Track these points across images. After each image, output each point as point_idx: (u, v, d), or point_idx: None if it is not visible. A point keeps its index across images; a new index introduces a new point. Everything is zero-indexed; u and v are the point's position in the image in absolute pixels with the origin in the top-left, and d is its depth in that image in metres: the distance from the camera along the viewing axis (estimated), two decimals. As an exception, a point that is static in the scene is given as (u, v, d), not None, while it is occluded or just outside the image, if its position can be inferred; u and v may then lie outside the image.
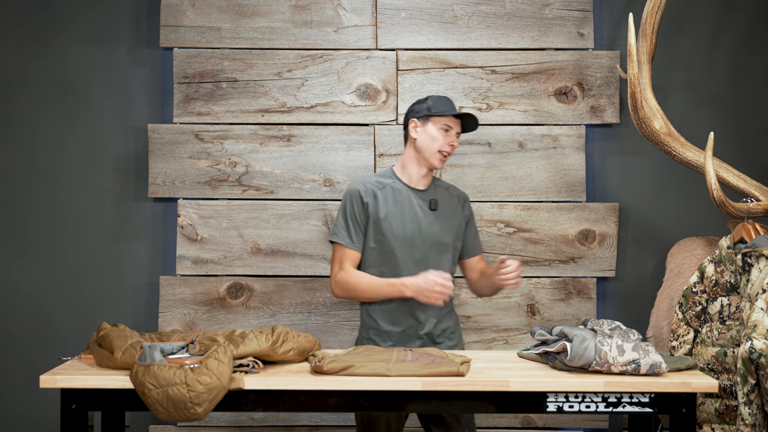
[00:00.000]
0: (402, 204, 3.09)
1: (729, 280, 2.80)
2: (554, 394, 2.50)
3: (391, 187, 3.11)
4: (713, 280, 2.86)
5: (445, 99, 3.13)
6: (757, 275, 2.67)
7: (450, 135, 3.07)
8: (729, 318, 2.79)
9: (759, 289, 2.65)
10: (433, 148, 3.07)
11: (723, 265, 2.84)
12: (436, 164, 3.09)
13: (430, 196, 3.14)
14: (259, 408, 2.53)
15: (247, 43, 3.73)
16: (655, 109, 3.36)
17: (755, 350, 2.59)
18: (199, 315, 3.70)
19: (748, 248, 2.72)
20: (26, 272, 3.76)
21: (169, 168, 3.71)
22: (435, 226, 3.11)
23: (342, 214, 3.11)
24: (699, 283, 2.92)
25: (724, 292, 2.81)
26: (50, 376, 2.50)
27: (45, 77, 3.76)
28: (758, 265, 2.70)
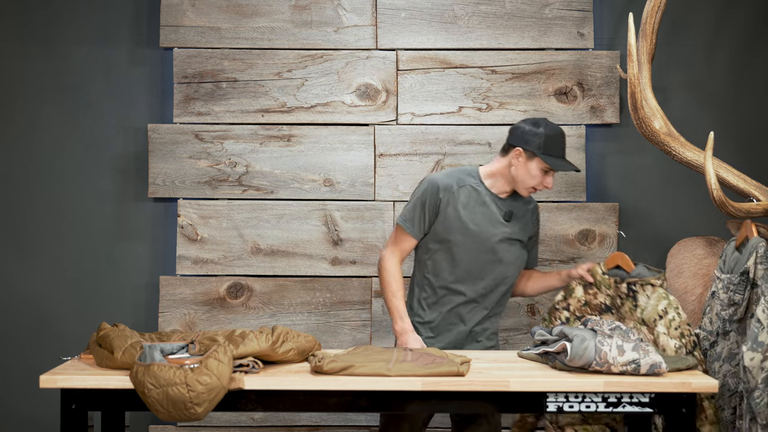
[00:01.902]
0: (479, 208, 3.06)
1: (604, 302, 3.01)
2: (554, 394, 2.50)
3: (472, 187, 3.07)
4: (583, 301, 3.03)
5: (558, 139, 3.03)
6: (646, 301, 2.94)
7: (549, 176, 3.03)
8: None
9: (655, 315, 2.91)
10: (528, 183, 3.03)
11: (596, 288, 3.02)
12: (523, 194, 3.07)
13: (507, 206, 3.09)
14: (259, 408, 2.53)
15: (247, 43, 3.73)
16: (655, 109, 3.35)
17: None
18: (199, 315, 3.70)
19: (632, 278, 2.96)
20: (26, 273, 3.76)
21: (169, 168, 3.71)
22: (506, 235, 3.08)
23: (414, 199, 3.08)
24: (563, 300, 3.06)
25: (597, 312, 3.00)
26: (50, 376, 2.50)
27: (45, 77, 3.76)
28: (644, 293, 2.95)
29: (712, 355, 3.05)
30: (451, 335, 3.07)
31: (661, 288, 2.96)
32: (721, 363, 3.01)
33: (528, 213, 3.15)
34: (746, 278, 2.91)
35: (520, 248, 3.12)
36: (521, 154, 3.00)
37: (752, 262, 2.89)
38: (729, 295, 2.97)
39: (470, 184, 3.07)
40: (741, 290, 2.93)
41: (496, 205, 3.07)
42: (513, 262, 3.10)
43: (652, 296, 2.94)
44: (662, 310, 2.91)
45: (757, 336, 2.80)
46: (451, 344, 3.07)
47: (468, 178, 3.08)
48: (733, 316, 2.97)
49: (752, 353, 2.80)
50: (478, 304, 3.07)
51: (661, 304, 2.92)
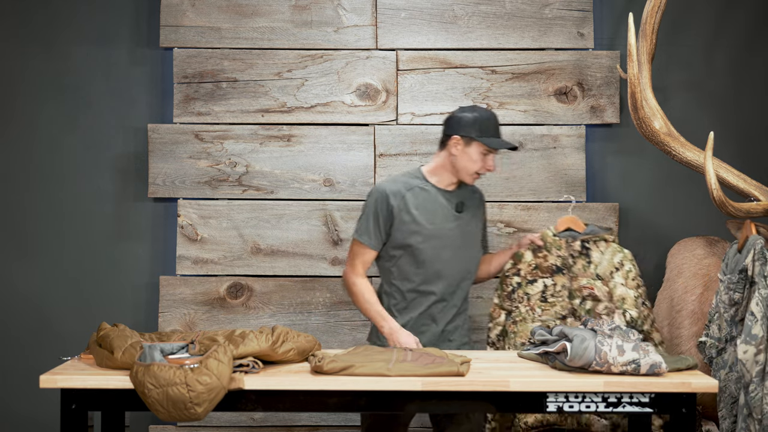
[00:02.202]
0: (430, 206, 3.09)
1: (554, 263, 3.11)
2: (554, 394, 2.50)
3: (419, 188, 3.10)
4: (533, 265, 3.12)
5: (492, 121, 3.08)
6: (600, 257, 3.10)
7: (489, 158, 3.06)
8: (552, 296, 3.09)
9: (611, 268, 3.07)
10: (470, 169, 3.06)
11: (545, 251, 3.12)
12: (468, 182, 3.11)
13: (457, 198, 3.13)
14: (259, 408, 2.53)
15: (247, 43, 3.73)
16: (655, 109, 3.35)
17: (633, 318, 3.02)
18: (199, 315, 3.70)
19: (586, 235, 3.11)
20: (26, 273, 3.76)
21: (169, 168, 3.71)
22: (461, 228, 3.12)
23: (365, 212, 3.10)
24: (512, 267, 3.15)
25: (548, 273, 3.10)
26: (50, 376, 2.50)
27: (45, 77, 3.76)
28: (598, 249, 3.10)
29: (718, 363, 3.06)
30: (424, 337, 3.08)
31: (614, 243, 3.11)
32: (727, 370, 3.01)
33: (476, 201, 3.21)
34: (745, 276, 2.92)
35: (476, 237, 3.19)
36: (459, 141, 3.04)
37: (750, 259, 2.90)
38: (729, 295, 2.97)
39: (417, 186, 3.10)
40: (740, 288, 2.93)
41: (446, 199, 3.11)
42: (474, 254, 3.17)
43: (606, 251, 3.09)
44: (618, 262, 3.07)
45: (751, 329, 2.81)
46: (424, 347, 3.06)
47: (413, 180, 3.11)
48: (734, 316, 2.97)
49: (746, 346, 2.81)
50: (447, 302, 3.10)
51: (617, 257, 3.07)
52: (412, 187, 3.09)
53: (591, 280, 3.07)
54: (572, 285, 3.11)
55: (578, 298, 3.10)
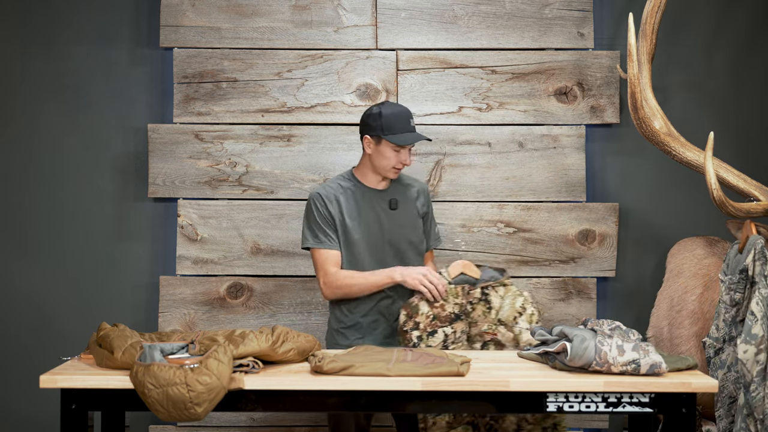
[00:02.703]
0: (363, 206, 3.15)
1: (453, 312, 3.03)
2: (554, 394, 2.50)
3: (351, 190, 3.17)
4: (431, 316, 3.01)
5: (399, 115, 3.10)
6: (500, 302, 3.04)
7: (402, 153, 3.11)
8: (453, 343, 3.01)
9: (515, 314, 3.02)
10: (386, 165, 3.12)
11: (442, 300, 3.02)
12: (391, 176, 3.16)
13: (389, 195, 3.20)
14: (259, 408, 2.53)
15: (247, 43, 3.73)
16: (655, 109, 3.36)
17: None
18: (199, 315, 3.70)
19: (485, 282, 3.04)
20: (26, 272, 3.76)
21: (169, 168, 3.71)
22: (395, 224, 3.18)
23: (307, 221, 3.15)
24: (408, 320, 3.02)
25: (447, 323, 3.01)
26: (50, 376, 2.50)
27: (45, 77, 3.76)
28: (498, 294, 3.05)
29: (716, 363, 3.06)
30: (377, 334, 3.14)
31: (513, 287, 3.08)
32: (725, 370, 3.01)
33: (412, 194, 3.24)
34: (745, 276, 2.92)
35: (414, 232, 3.21)
36: (370, 141, 3.12)
37: (750, 259, 2.90)
38: (731, 295, 2.97)
39: (348, 188, 3.17)
40: (741, 288, 2.93)
41: (379, 197, 3.17)
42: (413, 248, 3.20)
43: (506, 296, 3.05)
44: (520, 307, 3.03)
45: (751, 328, 2.81)
46: (378, 342, 3.11)
47: (344, 182, 3.19)
48: (736, 316, 2.97)
49: (746, 345, 2.81)
50: (392, 298, 3.15)
51: (518, 302, 3.04)
52: (345, 189, 3.17)
53: (493, 326, 3.03)
54: (471, 330, 3.05)
55: (479, 343, 3.05)
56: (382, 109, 3.11)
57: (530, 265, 3.71)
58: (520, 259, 3.71)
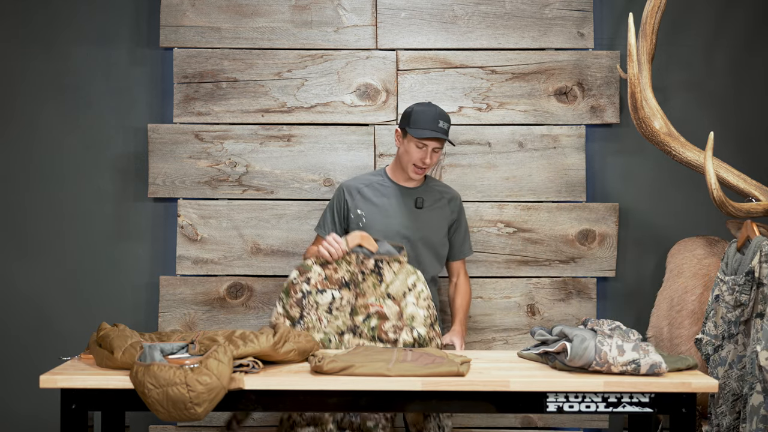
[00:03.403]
0: (386, 200, 3.22)
1: (344, 278, 3.08)
2: (554, 394, 2.50)
3: (379, 183, 3.27)
4: (323, 275, 3.09)
5: (429, 112, 3.18)
6: (392, 277, 3.06)
7: (424, 151, 3.17)
8: (337, 309, 3.07)
9: (405, 289, 3.04)
10: (408, 161, 3.20)
11: (335, 264, 3.09)
12: (411, 175, 3.22)
13: (417, 194, 3.22)
14: (259, 408, 2.54)
15: (247, 43, 3.73)
16: (655, 109, 3.36)
17: (421, 336, 3.00)
18: (199, 315, 3.70)
19: (381, 255, 3.07)
20: (26, 272, 3.76)
21: (169, 168, 3.71)
22: (419, 222, 3.22)
23: (326, 207, 3.34)
24: (299, 276, 3.11)
25: (337, 286, 3.08)
26: (50, 376, 2.50)
27: (45, 77, 3.76)
28: (391, 269, 3.06)
29: (715, 360, 3.05)
30: None
31: (408, 265, 3.09)
32: (726, 367, 3.01)
33: (443, 202, 3.30)
34: (752, 278, 2.91)
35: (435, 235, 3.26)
36: (399, 134, 3.24)
37: (757, 261, 2.89)
38: (735, 297, 2.96)
39: (377, 182, 3.27)
40: (747, 290, 2.93)
41: (406, 194, 3.24)
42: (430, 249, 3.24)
43: (399, 272, 3.07)
44: (411, 283, 3.05)
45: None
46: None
47: (374, 178, 3.30)
48: (740, 317, 2.97)
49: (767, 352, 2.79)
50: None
51: (410, 279, 3.06)
52: (370, 183, 3.27)
53: (380, 299, 3.05)
54: (356, 302, 3.06)
55: (362, 315, 3.05)
56: (417, 106, 3.22)
57: (530, 265, 3.71)
58: (520, 259, 3.71)
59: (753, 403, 2.87)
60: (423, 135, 3.14)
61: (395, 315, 3.03)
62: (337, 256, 3.06)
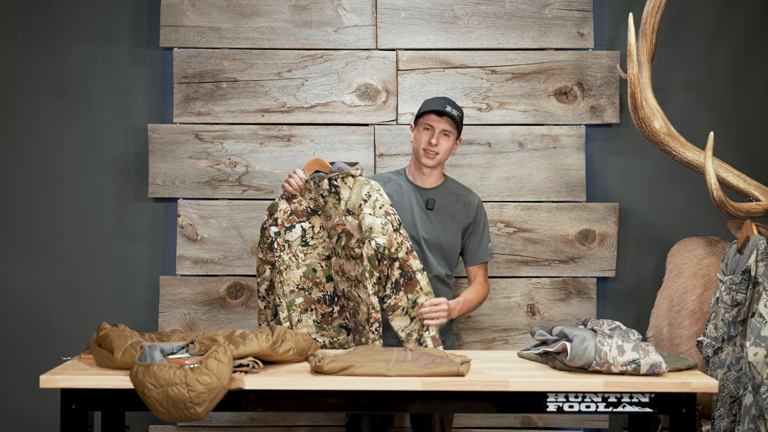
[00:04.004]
0: (399, 199, 3.21)
1: (309, 207, 3.14)
2: (554, 394, 2.50)
3: (395, 182, 3.27)
4: (288, 211, 3.14)
5: (436, 99, 3.26)
6: (348, 192, 3.06)
7: (430, 133, 3.19)
8: (313, 238, 3.14)
9: (360, 201, 3.02)
10: (418, 148, 3.22)
11: (299, 196, 3.14)
12: (424, 161, 3.22)
13: (430, 195, 3.20)
14: (259, 408, 2.54)
15: (247, 43, 3.73)
16: (655, 109, 3.36)
17: (380, 245, 2.95)
18: (199, 315, 3.70)
19: (332, 174, 3.08)
20: (26, 272, 3.76)
21: (169, 168, 3.71)
22: (428, 224, 3.20)
23: None
24: (269, 218, 3.16)
25: (304, 217, 3.13)
26: (50, 376, 2.50)
27: (45, 77, 3.76)
28: (346, 185, 3.06)
29: (715, 363, 3.05)
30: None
31: (361, 177, 3.08)
32: (725, 370, 3.01)
33: (458, 205, 3.28)
34: (748, 277, 2.91)
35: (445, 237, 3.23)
36: (412, 128, 3.29)
37: (753, 260, 2.89)
38: (732, 296, 2.97)
39: (395, 180, 3.29)
40: (743, 289, 2.93)
41: (419, 194, 3.25)
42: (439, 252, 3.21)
43: (354, 186, 3.07)
44: (366, 194, 3.03)
45: (760, 331, 2.80)
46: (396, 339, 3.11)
47: (394, 175, 3.33)
48: (737, 317, 2.97)
49: (756, 348, 2.80)
50: None
51: (364, 190, 3.04)
52: (389, 181, 3.28)
53: (342, 217, 3.06)
54: (328, 224, 3.12)
55: (334, 237, 3.11)
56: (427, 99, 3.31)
57: (530, 265, 3.71)
58: (520, 259, 3.71)
59: (746, 403, 2.88)
60: (425, 109, 3.20)
61: (356, 229, 3.03)
62: (297, 186, 3.11)
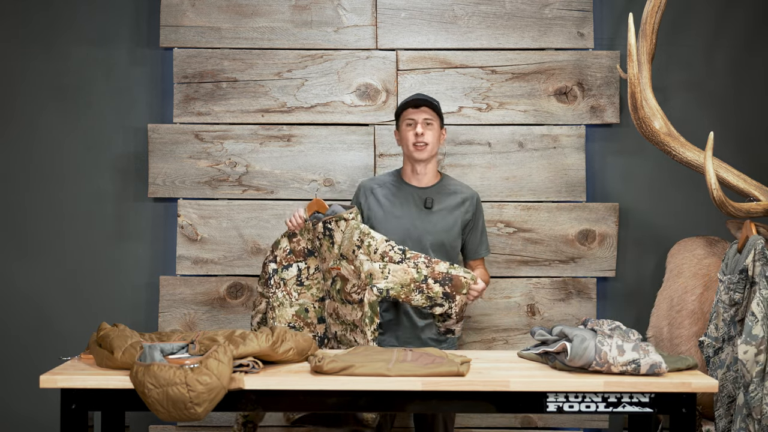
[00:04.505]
0: (397, 201, 3.22)
1: (306, 247, 3.17)
2: (554, 394, 2.50)
3: (391, 184, 3.27)
4: (288, 250, 3.17)
5: (411, 96, 3.27)
6: (341, 237, 3.07)
7: (413, 127, 3.20)
8: (308, 278, 3.18)
9: (353, 247, 3.04)
10: (407, 146, 3.23)
11: (299, 236, 3.18)
12: (416, 156, 3.22)
13: (428, 194, 3.20)
14: (259, 408, 2.54)
15: (247, 43, 3.73)
16: (655, 109, 3.36)
17: (382, 289, 2.97)
18: (199, 315, 3.70)
19: (327, 217, 3.11)
20: (26, 272, 3.76)
21: (169, 168, 3.71)
22: (428, 224, 3.19)
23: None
24: (270, 254, 3.21)
25: (301, 257, 3.16)
26: (50, 376, 2.50)
27: (45, 77, 3.76)
28: (339, 229, 3.08)
29: (715, 363, 3.05)
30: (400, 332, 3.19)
31: (354, 221, 3.09)
32: (724, 370, 3.01)
33: (456, 202, 3.27)
34: (745, 276, 2.92)
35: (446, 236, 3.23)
36: (396, 135, 3.31)
37: (750, 260, 2.90)
38: (730, 295, 2.97)
39: (390, 182, 3.29)
40: (741, 289, 2.94)
41: (416, 194, 3.24)
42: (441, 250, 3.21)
43: (345, 230, 3.08)
44: (357, 239, 3.05)
45: (751, 329, 2.81)
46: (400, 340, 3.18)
47: (389, 177, 3.33)
48: (735, 316, 2.97)
49: (746, 346, 2.81)
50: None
51: (355, 235, 3.05)
52: (385, 183, 3.29)
53: (337, 261, 3.08)
54: (323, 267, 3.15)
55: (329, 280, 3.13)
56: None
57: (530, 265, 3.71)
58: (520, 259, 3.71)
59: (739, 402, 2.89)
60: (402, 107, 3.21)
61: (353, 274, 3.04)
62: (298, 225, 3.15)
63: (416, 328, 3.17)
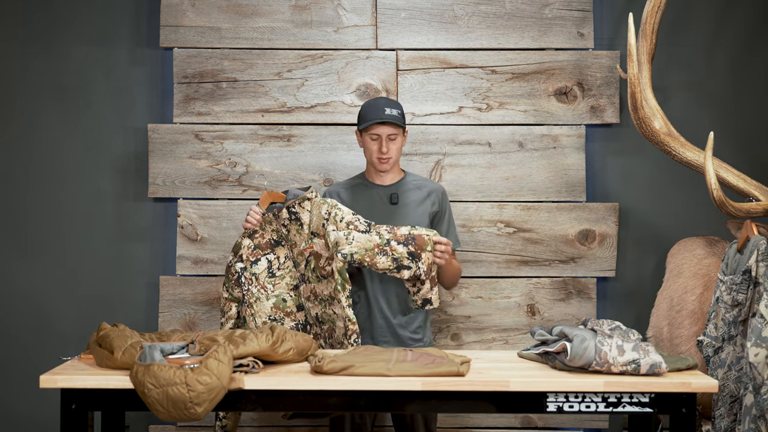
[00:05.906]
0: (363, 200, 3.21)
1: (272, 238, 3.14)
2: (554, 394, 2.50)
3: (356, 185, 3.26)
4: (252, 247, 3.15)
5: (374, 104, 3.18)
6: (308, 216, 3.08)
7: (379, 142, 3.16)
8: (279, 269, 3.15)
9: (322, 221, 3.05)
10: (370, 157, 3.20)
11: (262, 230, 3.14)
12: (379, 168, 3.20)
13: (392, 191, 3.21)
14: (259, 408, 2.54)
15: (247, 43, 3.73)
16: (655, 109, 3.36)
17: (346, 254, 2.99)
18: (199, 315, 3.70)
19: (290, 200, 3.09)
20: (26, 272, 3.76)
21: (169, 168, 3.71)
22: (395, 220, 3.18)
23: None
24: (234, 257, 3.16)
25: (269, 249, 3.14)
26: (50, 376, 2.50)
27: (45, 77, 3.76)
28: (305, 209, 3.09)
29: (715, 362, 3.05)
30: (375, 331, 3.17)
31: (317, 198, 3.10)
32: (726, 369, 3.01)
33: (422, 196, 3.25)
34: (748, 277, 2.91)
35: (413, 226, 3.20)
36: (358, 135, 3.24)
37: (753, 260, 2.89)
38: (732, 296, 2.97)
39: (355, 184, 3.28)
40: (744, 290, 2.93)
41: (381, 192, 3.23)
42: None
43: (312, 208, 3.09)
44: (325, 213, 3.05)
45: (761, 331, 2.80)
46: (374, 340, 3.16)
47: (354, 180, 3.32)
48: (737, 317, 2.97)
49: (757, 349, 2.80)
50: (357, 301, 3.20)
51: (323, 209, 3.06)
52: (350, 186, 3.27)
53: (309, 240, 3.09)
54: (294, 253, 3.14)
55: (302, 263, 3.12)
56: (365, 103, 3.22)
57: (530, 265, 3.71)
58: (520, 259, 3.71)
59: (746, 403, 2.88)
60: (367, 123, 3.15)
61: (324, 248, 3.05)
62: (257, 222, 3.13)
63: (390, 326, 3.16)
